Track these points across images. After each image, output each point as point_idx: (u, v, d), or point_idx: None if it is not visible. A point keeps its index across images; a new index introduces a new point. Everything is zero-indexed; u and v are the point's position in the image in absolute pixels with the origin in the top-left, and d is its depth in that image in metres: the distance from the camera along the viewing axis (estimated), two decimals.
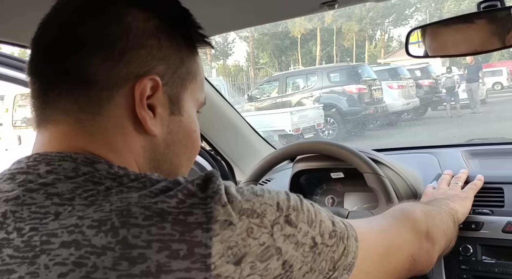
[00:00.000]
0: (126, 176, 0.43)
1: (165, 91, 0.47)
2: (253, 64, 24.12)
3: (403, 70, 11.21)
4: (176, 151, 0.50)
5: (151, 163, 0.48)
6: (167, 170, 0.50)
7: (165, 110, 0.48)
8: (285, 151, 1.06)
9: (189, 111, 0.51)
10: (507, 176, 1.05)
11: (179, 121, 0.50)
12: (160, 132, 0.48)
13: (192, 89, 0.51)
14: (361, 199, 1.17)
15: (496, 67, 19.85)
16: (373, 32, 27.46)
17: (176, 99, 0.49)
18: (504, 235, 0.94)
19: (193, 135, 0.52)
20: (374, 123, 9.43)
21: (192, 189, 0.40)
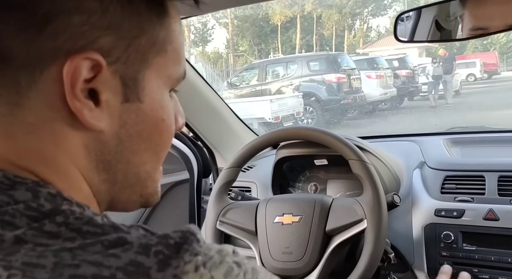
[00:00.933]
0: (51, 215, 0.30)
1: (115, 71, 0.35)
2: (232, 51, 23.90)
3: (381, 60, 11.33)
4: (135, 147, 0.38)
5: (99, 165, 0.37)
6: (123, 172, 0.38)
7: (115, 97, 0.35)
8: (269, 137, 1.03)
9: (154, 94, 0.38)
10: (488, 163, 1.06)
11: (137, 109, 0.37)
12: (108, 126, 0.35)
13: (160, 64, 0.38)
14: (345, 186, 1.16)
15: (470, 59, 20.32)
16: (353, 21, 27.59)
17: (132, 81, 0.36)
18: (485, 222, 0.95)
19: (161, 125, 0.39)
20: (352, 112, 9.52)
21: (146, 262, 0.28)
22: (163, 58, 0.38)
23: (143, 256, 0.29)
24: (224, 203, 1.03)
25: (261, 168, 1.29)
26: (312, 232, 0.92)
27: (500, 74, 21.85)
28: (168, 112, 0.40)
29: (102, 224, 0.31)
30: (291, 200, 0.98)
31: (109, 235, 0.30)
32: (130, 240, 0.30)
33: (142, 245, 0.29)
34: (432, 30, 0.99)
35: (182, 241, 0.30)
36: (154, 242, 0.30)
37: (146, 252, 0.29)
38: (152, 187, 0.42)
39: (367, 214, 0.87)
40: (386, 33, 30.30)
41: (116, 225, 0.32)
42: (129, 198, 0.40)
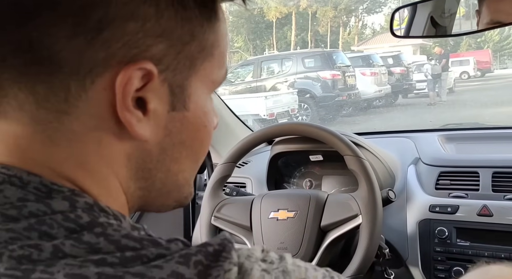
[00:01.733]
0: (90, 227, 0.30)
1: (164, 79, 0.33)
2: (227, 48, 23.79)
3: (376, 58, 11.36)
4: (176, 156, 0.37)
5: (138, 173, 0.36)
6: (162, 180, 0.37)
7: (162, 106, 0.34)
8: (264, 133, 1.03)
9: (199, 101, 0.36)
10: (482, 160, 1.07)
11: (183, 118, 0.35)
12: (152, 135, 0.34)
13: (207, 70, 0.36)
14: (339, 182, 1.16)
15: (463, 56, 20.44)
16: (348, 18, 27.62)
17: (179, 89, 0.34)
18: (479, 218, 0.95)
19: (202, 132, 0.38)
20: (347, 109, 9.54)
21: (186, 273, 0.28)
22: (210, 63, 0.37)
23: (184, 267, 0.28)
24: (219, 199, 1.02)
25: (256, 163, 1.29)
26: (307, 227, 0.92)
27: (493, 72, 22.00)
28: (209, 118, 0.39)
29: (141, 238, 0.30)
30: (286, 195, 0.98)
31: (148, 250, 0.29)
32: (171, 251, 0.29)
33: (182, 255, 0.29)
34: (427, 26, 0.99)
35: (221, 248, 0.29)
36: (194, 251, 0.29)
37: (187, 263, 0.28)
38: (187, 191, 0.41)
39: (362, 210, 0.87)
40: (381, 30, 30.37)
41: (154, 239, 0.31)
42: (163, 203, 0.40)
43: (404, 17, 0.97)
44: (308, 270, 0.33)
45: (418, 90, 11.88)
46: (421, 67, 12.21)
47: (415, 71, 12.51)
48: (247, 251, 0.31)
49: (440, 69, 10.28)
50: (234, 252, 0.30)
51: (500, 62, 28.86)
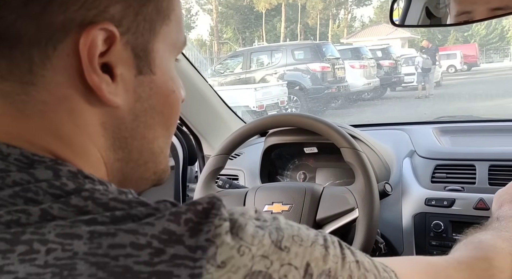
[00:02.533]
0: (76, 192, 0.30)
1: (127, 42, 0.33)
2: (216, 38, 23.65)
3: (365, 50, 11.39)
4: (149, 122, 0.37)
5: (116, 143, 0.35)
6: (138, 148, 0.37)
7: (128, 70, 0.34)
8: (259, 124, 1.00)
9: (164, 65, 0.37)
10: (478, 153, 1.05)
11: (150, 82, 0.36)
12: (123, 101, 0.34)
13: (166, 33, 0.36)
14: (334, 175, 1.14)
15: (450, 50, 20.64)
16: (337, 11, 27.61)
17: (143, 52, 0.35)
18: (475, 212, 0.94)
19: (171, 97, 0.38)
20: (336, 102, 9.55)
21: (177, 230, 0.28)
22: (168, 26, 0.37)
23: (174, 224, 0.28)
24: (211, 191, 1.00)
25: (249, 155, 1.26)
26: (302, 221, 0.89)
27: (479, 66, 22.27)
28: (176, 83, 0.39)
29: (129, 200, 0.30)
30: (281, 188, 0.95)
31: (137, 210, 0.29)
32: (160, 208, 0.29)
33: (172, 213, 0.29)
34: (422, 16, 0.98)
35: (210, 206, 0.30)
36: (183, 210, 0.29)
37: (177, 220, 0.28)
38: (164, 163, 0.40)
39: (358, 203, 0.86)
40: (370, 23, 30.45)
41: (143, 201, 0.31)
42: (142, 176, 0.39)
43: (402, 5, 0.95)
44: (300, 229, 0.33)
45: (406, 83, 11.96)
46: (409, 60, 12.27)
47: (403, 64, 12.58)
48: (241, 209, 0.31)
49: (431, 63, 10.34)
50: (223, 209, 0.30)
51: (486, 56, 29.23)
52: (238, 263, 0.28)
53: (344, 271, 0.33)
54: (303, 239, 0.32)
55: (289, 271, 0.30)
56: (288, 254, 0.30)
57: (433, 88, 10.88)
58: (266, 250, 0.29)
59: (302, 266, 0.30)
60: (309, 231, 0.34)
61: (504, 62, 25.06)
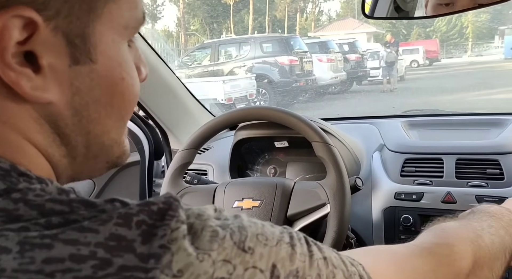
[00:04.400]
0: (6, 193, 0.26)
1: (56, 28, 0.28)
2: (183, 30, 23.25)
3: (333, 44, 11.51)
4: (94, 116, 0.32)
5: (57, 140, 0.31)
6: (85, 144, 0.33)
7: (60, 59, 0.29)
8: (228, 118, 0.97)
9: (109, 50, 0.32)
10: (446, 146, 1.07)
11: (91, 72, 0.31)
12: (57, 96, 0.30)
13: (113, 13, 0.31)
14: (304, 169, 1.13)
15: (413, 45, 21.24)
16: (305, 4, 27.77)
17: (80, 39, 0.29)
18: (443, 205, 0.95)
19: (121, 86, 0.33)
20: (303, 95, 9.62)
21: (128, 235, 0.25)
22: (115, 4, 0.31)
23: (124, 228, 0.25)
24: (179, 187, 0.96)
25: (218, 150, 1.23)
26: (273, 217, 0.87)
27: (441, 61, 23.06)
28: (128, 69, 0.34)
29: (69, 200, 0.26)
30: (251, 184, 0.93)
31: (78, 214, 0.25)
32: (107, 210, 0.26)
33: (121, 215, 0.25)
34: (390, 9, 0.98)
35: (166, 207, 0.27)
36: (135, 211, 0.26)
37: (127, 223, 0.25)
38: (119, 151, 0.37)
39: (330, 198, 0.84)
40: (337, 17, 30.82)
41: (86, 200, 0.27)
42: (94, 167, 0.36)
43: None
44: (265, 226, 0.31)
45: (372, 77, 12.20)
46: (375, 55, 12.52)
47: (369, 58, 12.82)
48: (197, 209, 0.29)
49: (395, 57, 10.60)
50: (181, 210, 0.27)
51: (447, 51, 30.29)
52: (198, 270, 0.25)
53: (312, 270, 0.31)
54: (268, 238, 0.30)
55: (254, 275, 0.27)
56: (252, 256, 0.28)
57: (397, 82, 11.16)
58: (228, 254, 0.27)
59: (268, 268, 0.28)
60: (274, 229, 0.32)
61: (463, 58, 26.06)
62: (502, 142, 1.04)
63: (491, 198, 0.91)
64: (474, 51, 30.22)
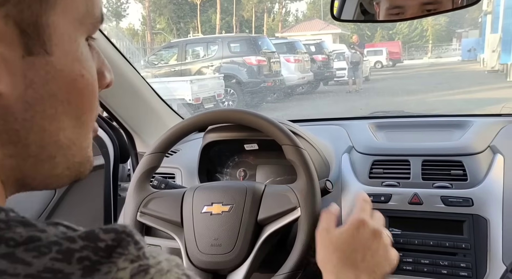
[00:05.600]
0: None
1: (6, 15, 0.27)
2: (149, 28, 22.83)
3: (300, 45, 11.63)
4: (49, 112, 0.30)
5: (2, 137, 0.29)
6: (38, 143, 0.31)
7: (11, 49, 0.28)
8: (197, 120, 0.95)
9: (65, 44, 0.30)
10: (412, 148, 1.08)
11: (46, 64, 0.29)
12: (8, 87, 0.28)
13: (68, 5, 0.30)
14: (274, 172, 1.12)
15: (377, 47, 21.84)
16: (272, 5, 27.92)
17: (32, 28, 0.28)
18: (410, 207, 0.96)
19: (80, 82, 0.32)
20: (271, 96, 9.67)
21: (65, 269, 0.23)
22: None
23: (64, 263, 0.23)
24: (146, 193, 0.92)
25: (186, 153, 1.20)
26: (243, 222, 0.86)
27: (403, 62, 23.82)
28: (87, 66, 0.32)
29: (7, 219, 0.24)
30: (221, 188, 0.91)
31: (15, 232, 0.23)
32: (45, 242, 0.23)
33: (61, 251, 0.23)
34: (357, 11, 1.00)
35: (115, 244, 0.25)
36: (78, 246, 0.24)
37: (67, 259, 0.23)
38: (80, 155, 0.34)
39: (300, 202, 0.84)
40: (304, 18, 31.18)
41: (26, 221, 0.24)
42: (50, 172, 0.33)
43: None
44: None
45: (338, 77, 12.42)
46: (341, 55, 12.75)
47: (335, 59, 13.05)
48: (167, 254, 0.27)
49: (360, 57, 10.83)
50: (133, 247, 0.25)
51: (409, 53, 31.30)
52: None
53: None
54: None
55: None
56: None
57: (362, 83, 11.41)
58: None
59: None
60: None
61: (424, 59, 27.02)
62: (465, 144, 1.07)
63: (455, 199, 0.94)
64: (434, 53, 31.41)
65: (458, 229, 0.93)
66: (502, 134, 1.09)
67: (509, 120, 1.16)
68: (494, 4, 14.93)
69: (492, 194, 0.93)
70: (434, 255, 0.92)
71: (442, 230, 0.94)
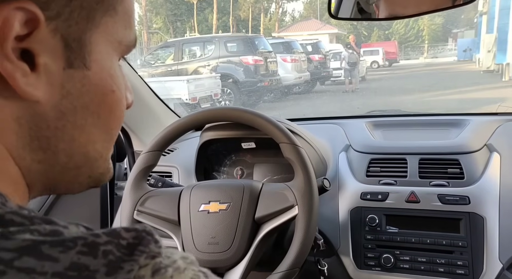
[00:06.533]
0: None
1: (55, 29, 0.29)
2: (146, 28, 22.77)
3: (296, 45, 11.63)
4: (80, 122, 0.32)
5: (34, 143, 0.30)
6: (67, 152, 0.32)
7: (55, 61, 0.29)
8: (194, 119, 0.94)
9: (103, 60, 0.32)
10: (409, 147, 1.09)
11: (83, 77, 0.31)
12: (46, 96, 0.29)
13: (109, 26, 0.32)
14: (272, 170, 1.12)
15: (374, 47, 21.88)
16: (268, 4, 27.93)
17: (76, 43, 0.30)
18: (407, 205, 0.97)
19: (110, 97, 0.33)
20: (268, 95, 9.67)
21: (91, 265, 0.23)
22: (112, 18, 0.33)
23: (89, 257, 0.23)
24: (142, 191, 0.92)
25: (183, 151, 1.20)
26: (241, 220, 0.86)
27: (399, 62, 23.88)
28: (118, 83, 0.34)
29: (31, 216, 0.25)
30: (218, 186, 0.91)
31: (40, 225, 0.24)
32: (70, 237, 0.24)
33: (87, 243, 0.24)
34: (354, 10, 1.00)
35: (136, 242, 0.25)
36: (103, 241, 0.24)
37: (93, 252, 0.23)
38: (104, 167, 0.36)
39: (298, 200, 0.83)
40: (300, 18, 31.22)
41: (49, 219, 0.25)
42: (74, 179, 0.34)
43: None
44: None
45: (335, 77, 12.44)
46: (337, 55, 12.77)
47: (332, 59, 13.06)
48: (183, 252, 0.28)
49: (357, 58, 10.85)
50: (154, 245, 0.26)
51: (405, 53, 31.38)
52: None
53: None
54: None
55: None
56: None
57: (359, 83, 11.43)
58: None
59: None
60: None
61: (420, 59, 27.10)
62: (462, 142, 1.07)
63: (452, 197, 0.94)
64: (430, 53, 31.50)
65: (455, 227, 0.93)
66: (498, 133, 1.09)
67: (506, 119, 1.16)
68: (490, 4, 15.01)
69: (488, 192, 0.94)
70: (431, 253, 0.93)
71: (439, 228, 0.94)
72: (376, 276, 0.96)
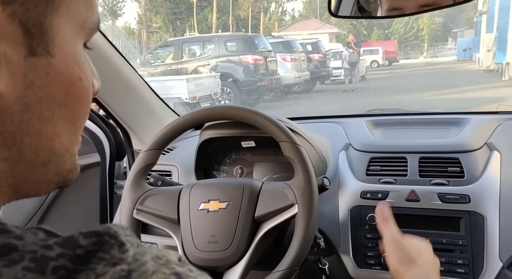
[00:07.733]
0: None
1: (13, 14, 0.26)
2: (145, 27, 22.76)
3: (296, 44, 11.63)
4: (46, 114, 0.29)
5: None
6: (33, 147, 0.30)
7: (15, 49, 0.27)
8: (194, 117, 0.94)
9: (67, 46, 0.30)
10: (409, 145, 1.08)
11: (47, 66, 0.29)
12: (8, 88, 0.27)
13: (70, 8, 0.30)
14: (271, 169, 1.11)
15: (373, 46, 21.88)
16: (268, 4, 27.92)
17: (37, 28, 0.28)
18: (407, 204, 0.96)
19: (78, 86, 0.31)
20: (268, 94, 9.67)
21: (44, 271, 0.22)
22: (72, 0, 0.30)
23: (36, 274, 0.21)
24: (142, 190, 0.92)
25: (183, 150, 1.20)
26: (240, 219, 0.85)
27: (399, 61, 23.88)
28: (85, 70, 0.32)
29: None
30: (217, 185, 0.90)
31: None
32: (20, 249, 0.22)
33: (36, 258, 0.22)
34: (354, 8, 1.00)
35: (95, 248, 0.23)
36: (54, 254, 0.22)
37: (41, 269, 0.21)
38: (71, 162, 0.34)
39: (298, 199, 0.83)
40: (300, 17, 31.21)
41: (4, 228, 0.23)
42: (41, 178, 0.32)
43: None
44: None
45: (335, 76, 12.44)
46: (337, 55, 12.77)
47: (331, 58, 13.06)
48: (158, 251, 0.26)
49: (357, 57, 10.85)
50: (117, 250, 0.24)
51: (404, 52, 31.38)
52: None
53: None
54: None
55: None
56: None
57: (359, 82, 11.44)
58: None
59: None
60: None
61: (419, 59, 27.09)
62: (462, 141, 1.07)
63: (452, 195, 0.94)
64: (430, 52, 31.50)
65: (455, 226, 0.93)
66: (498, 131, 1.09)
67: (506, 117, 1.16)
68: (489, 4, 15.01)
69: (489, 191, 0.93)
70: None
71: (439, 227, 0.94)
72: (376, 274, 0.95)
